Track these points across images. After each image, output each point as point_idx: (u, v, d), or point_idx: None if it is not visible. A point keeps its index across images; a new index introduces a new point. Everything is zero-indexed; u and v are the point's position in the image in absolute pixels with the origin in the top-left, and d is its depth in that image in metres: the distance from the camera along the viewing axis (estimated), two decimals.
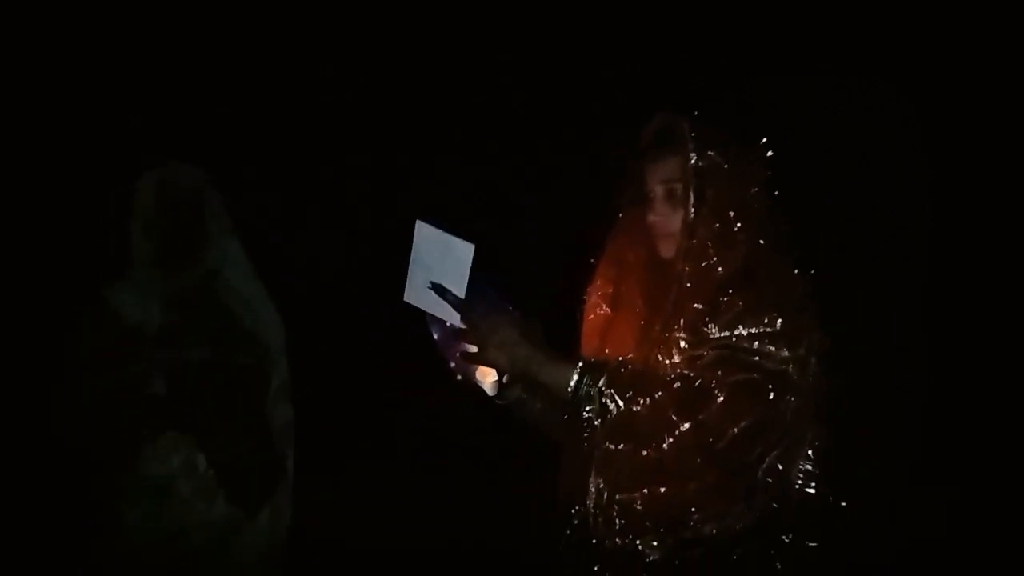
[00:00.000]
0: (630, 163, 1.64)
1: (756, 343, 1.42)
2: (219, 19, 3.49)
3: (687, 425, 1.36)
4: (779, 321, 1.42)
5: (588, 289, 1.71)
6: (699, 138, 1.50)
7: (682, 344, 1.47)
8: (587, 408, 1.40)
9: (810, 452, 1.43)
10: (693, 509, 1.38)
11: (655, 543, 1.41)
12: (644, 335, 1.57)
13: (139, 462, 2.03)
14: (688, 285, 1.48)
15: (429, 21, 3.63)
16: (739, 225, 1.48)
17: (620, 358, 1.49)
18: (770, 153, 1.53)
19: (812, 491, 1.42)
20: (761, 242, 1.49)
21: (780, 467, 1.40)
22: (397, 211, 1.52)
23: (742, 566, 1.41)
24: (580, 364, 1.43)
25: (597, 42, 3.54)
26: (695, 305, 1.47)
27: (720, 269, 1.47)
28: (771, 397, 1.38)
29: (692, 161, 1.49)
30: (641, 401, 1.37)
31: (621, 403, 1.38)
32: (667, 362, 1.47)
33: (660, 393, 1.38)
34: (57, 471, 2.25)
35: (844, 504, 1.45)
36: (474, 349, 1.45)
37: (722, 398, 1.37)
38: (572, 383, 1.40)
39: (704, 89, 3.29)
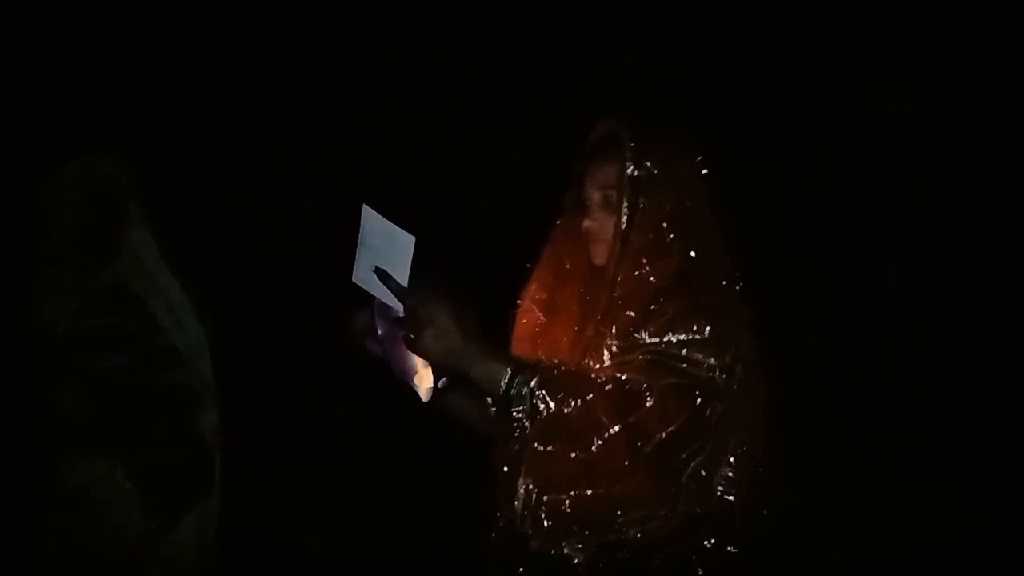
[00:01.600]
0: (572, 168, 1.68)
1: (685, 350, 1.45)
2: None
3: (617, 427, 1.38)
4: (707, 329, 1.46)
5: (522, 294, 1.73)
6: (638, 148, 1.53)
7: (613, 349, 1.50)
8: (518, 408, 1.41)
9: (732, 459, 1.47)
10: (619, 512, 1.40)
11: (580, 545, 1.43)
12: (578, 340, 1.60)
13: (57, 470, 1.97)
14: (620, 292, 1.52)
15: (388, 21, 3.58)
16: (672, 236, 1.53)
17: (554, 360, 1.50)
18: (704, 171, 1.58)
19: (732, 498, 1.46)
20: (693, 254, 1.53)
21: (703, 473, 1.44)
22: (348, 209, 1.53)
23: (665, 570, 1.44)
24: (512, 363, 1.44)
25: (558, 46, 3.52)
26: (628, 313, 1.50)
27: (653, 279, 1.51)
28: (699, 403, 1.42)
29: (628, 170, 1.53)
30: (572, 403, 1.39)
31: (552, 404, 1.39)
32: (597, 366, 1.50)
33: (592, 395, 1.40)
34: None
35: (764, 512, 1.50)
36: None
37: (652, 401, 1.40)
38: (504, 382, 1.41)
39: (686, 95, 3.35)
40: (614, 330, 1.52)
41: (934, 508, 3.29)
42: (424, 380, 1.55)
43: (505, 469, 1.49)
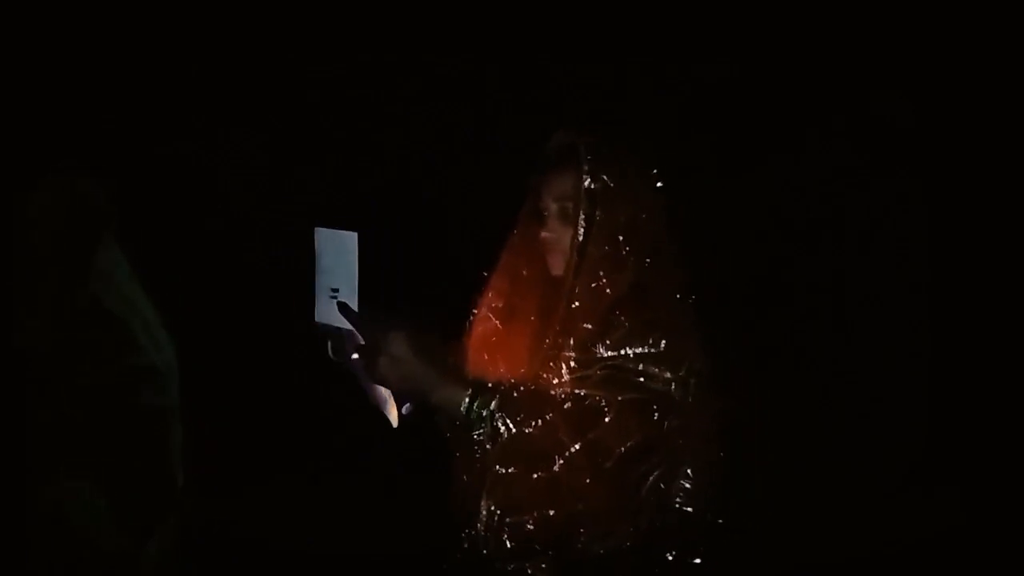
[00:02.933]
0: (529, 178, 1.69)
1: (641, 364, 1.47)
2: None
3: (578, 445, 1.39)
4: (663, 343, 1.48)
5: (479, 301, 1.74)
6: (594, 161, 1.55)
7: (571, 363, 1.51)
8: (478, 431, 1.41)
9: (689, 471, 1.49)
10: (582, 529, 1.41)
11: (544, 565, 1.44)
12: (536, 350, 1.60)
13: (34, 482, 1.94)
14: (576, 304, 1.53)
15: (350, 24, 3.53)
16: (628, 249, 1.54)
17: (512, 380, 1.51)
18: (660, 184, 1.60)
19: (690, 510, 1.48)
20: (647, 265, 1.55)
21: (662, 486, 1.45)
22: (306, 219, 1.55)
23: None
24: (471, 386, 1.43)
25: (518, 54, 3.50)
26: (585, 325, 1.52)
27: (609, 291, 1.53)
28: (656, 417, 1.44)
29: (585, 183, 1.54)
30: (533, 423, 1.40)
31: (512, 426, 1.39)
32: (555, 380, 1.51)
33: (551, 414, 1.41)
34: None
35: (720, 521, 1.53)
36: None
37: (610, 417, 1.42)
38: (464, 405, 1.41)
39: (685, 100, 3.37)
40: (572, 342, 1.53)
41: (932, 510, 3.34)
42: (393, 407, 1.56)
43: (467, 491, 1.49)
